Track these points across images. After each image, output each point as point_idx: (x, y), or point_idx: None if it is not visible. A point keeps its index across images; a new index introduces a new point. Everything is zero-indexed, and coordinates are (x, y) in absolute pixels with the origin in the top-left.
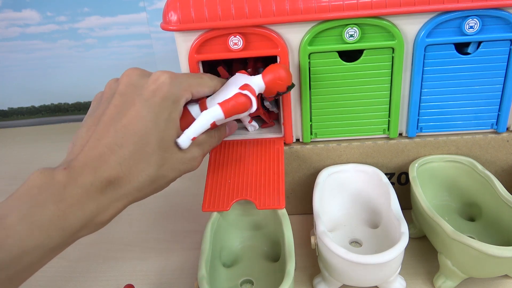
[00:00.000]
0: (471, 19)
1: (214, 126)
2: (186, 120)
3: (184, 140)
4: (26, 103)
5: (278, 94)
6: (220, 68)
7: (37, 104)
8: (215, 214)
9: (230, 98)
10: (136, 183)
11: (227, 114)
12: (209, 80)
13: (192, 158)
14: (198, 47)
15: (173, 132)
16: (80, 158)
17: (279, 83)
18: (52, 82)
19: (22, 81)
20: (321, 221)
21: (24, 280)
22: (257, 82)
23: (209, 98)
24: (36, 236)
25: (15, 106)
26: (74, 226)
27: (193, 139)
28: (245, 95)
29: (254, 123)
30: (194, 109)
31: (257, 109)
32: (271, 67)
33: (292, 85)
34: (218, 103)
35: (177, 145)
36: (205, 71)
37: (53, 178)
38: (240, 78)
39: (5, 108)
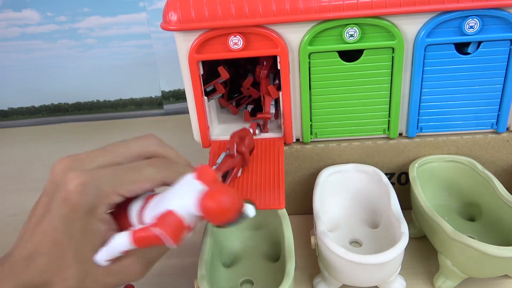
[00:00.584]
0: (471, 19)
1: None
2: (122, 221)
3: (99, 261)
4: (26, 103)
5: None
6: (221, 68)
7: (37, 104)
8: None
9: (144, 228)
10: None
11: (139, 246)
12: (153, 173)
13: (123, 270)
14: (198, 47)
15: (92, 244)
16: (12, 257)
17: (217, 219)
18: (52, 82)
19: (22, 81)
20: (321, 221)
21: None
22: (188, 209)
23: (159, 196)
24: None
25: (15, 106)
26: None
27: (110, 261)
28: (158, 236)
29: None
30: (135, 207)
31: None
32: (212, 192)
33: (241, 217)
34: (132, 231)
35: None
36: (205, 70)
37: None
38: (182, 193)
39: (5, 108)
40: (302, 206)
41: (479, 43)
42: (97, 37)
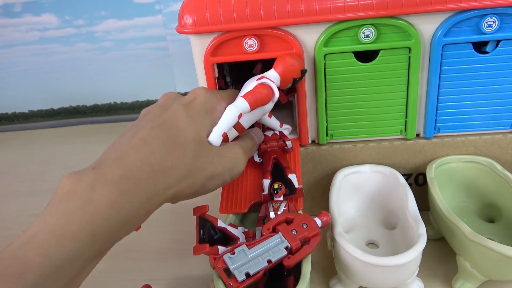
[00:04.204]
0: (489, 18)
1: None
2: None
3: (214, 136)
4: (45, 106)
5: (295, 81)
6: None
7: (56, 107)
8: (231, 214)
9: (252, 89)
10: (171, 173)
11: (252, 105)
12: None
13: (232, 153)
14: (213, 50)
15: (209, 130)
16: (110, 155)
17: (292, 68)
18: (71, 85)
19: (42, 84)
20: (337, 222)
21: None
22: (272, 75)
23: None
24: (67, 248)
25: (35, 108)
26: (107, 228)
27: (224, 135)
28: (265, 84)
29: (286, 125)
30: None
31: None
32: (278, 58)
33: (305, 70)
34: (241, 95)
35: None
36: (234, 75)
37: (80, 181)
38: (255, 77)
39: (26, 110)
40: (318, 207)
41: (498, 41)
42: (114, 40)
